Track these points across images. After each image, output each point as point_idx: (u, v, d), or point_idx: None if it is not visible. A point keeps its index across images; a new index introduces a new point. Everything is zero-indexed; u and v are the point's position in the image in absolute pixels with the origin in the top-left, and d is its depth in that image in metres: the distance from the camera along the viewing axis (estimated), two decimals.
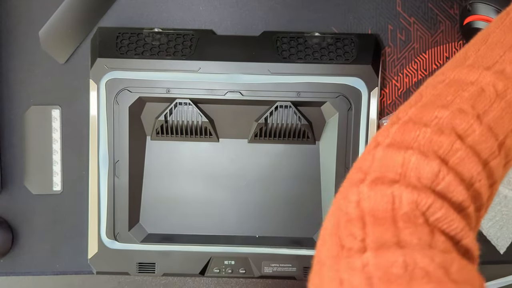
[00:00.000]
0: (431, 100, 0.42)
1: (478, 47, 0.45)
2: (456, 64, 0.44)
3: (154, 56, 0.73)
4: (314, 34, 0.75)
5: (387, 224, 0.35)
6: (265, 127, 0.74)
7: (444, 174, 0.37)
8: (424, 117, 0.40)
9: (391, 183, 0.37)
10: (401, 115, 0.41)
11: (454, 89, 0.41)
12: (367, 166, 0.39)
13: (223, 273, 0.76)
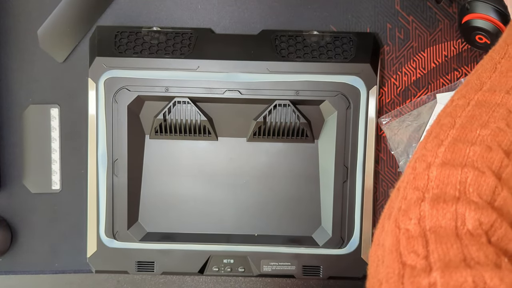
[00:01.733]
0: (467, 121, 0.43)
1: (489, 75, 0.46)
2: (473, 88, 0.46)
3: (153, 54, 0.73)
4: (312, 33, 0.75)
5: (451, 241, 0.35)
6: (264, 125, 0.74)
7: (500, 190, 0.38)
8: (468, 137, 0.41)
9: (452, 200, 0.37)
10: (442, 137, 0.42)
11: (485, 110, 0.42)
12: (424, 185, 0.39)
13: (222, 272, 0.76)
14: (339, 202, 0.75)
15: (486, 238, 0.35)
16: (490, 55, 0.49)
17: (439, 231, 0.36)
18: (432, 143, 0.42)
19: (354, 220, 0.75)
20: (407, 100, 0.78)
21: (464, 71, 0.77)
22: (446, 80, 0.78)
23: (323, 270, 0.76)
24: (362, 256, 0.75)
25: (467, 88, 0.46)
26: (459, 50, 0.78)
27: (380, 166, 0.78)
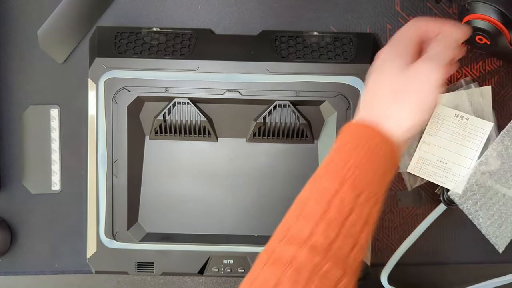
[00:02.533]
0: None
1: (297, 217, 0.53)
2: (280, 235, 0.53)
3: (153, 55, 0.73)
4: (312, 33, 0.75)
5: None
6: (263, 126, 0.74)
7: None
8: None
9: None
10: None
11: (275, 273, 0.50)
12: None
13: (221, 273, 0.76)
14: None
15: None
16: (304, 189, 0.58)
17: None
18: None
19: None
20: None
21: (464, 72, 0.77)
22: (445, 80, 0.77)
23: None
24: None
25: (276, 234, 0.54)
26: None
27: None
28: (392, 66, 0.57)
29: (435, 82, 0.55)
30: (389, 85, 0.56)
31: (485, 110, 0.74)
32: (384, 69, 0.58)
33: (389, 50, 0.59)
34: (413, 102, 0.55)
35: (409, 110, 0.55)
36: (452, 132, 0.74)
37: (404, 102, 0.55)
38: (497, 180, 0.73)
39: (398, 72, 0.56)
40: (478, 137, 0.73)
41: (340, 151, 0.55)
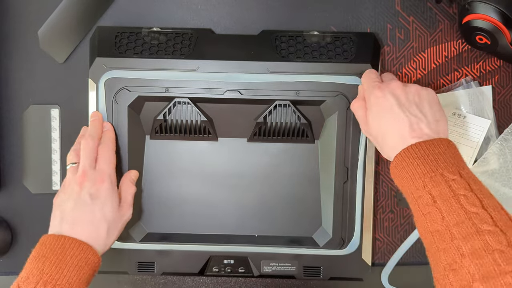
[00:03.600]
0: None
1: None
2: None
3: (153, 55, 0.73)
4: (313, 33, 0.75)
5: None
6: (264, 126, 0.74)
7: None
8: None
9: None
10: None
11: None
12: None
13: (222, 272, 0.76)
14: (339, 203, 0.75)
15: None
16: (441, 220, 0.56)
17: None
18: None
19: (354, 220, 0.75)
20: None
21: (465, 72, 0.77)
22: (446, 80, 0.78)
23: (324, 271, 0.76)
24: (362, 257, 0.75)
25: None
26: (459, 50, 0.78)
27: (380, 166, 0.78)
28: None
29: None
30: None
31: (485, 110, 0.74)
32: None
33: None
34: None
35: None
36: (450, 130, 0.74)
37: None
38: (497, 179, 0.73)
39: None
40: (476, 135, 0.73)
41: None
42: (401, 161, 0.60)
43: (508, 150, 0.73)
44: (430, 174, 0.57)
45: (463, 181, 0.56)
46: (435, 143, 0.60)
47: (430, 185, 0.56)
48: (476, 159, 0.74)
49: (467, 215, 0.53)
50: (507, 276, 0.47)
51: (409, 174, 0.58)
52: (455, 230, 0.52)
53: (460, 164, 0.59)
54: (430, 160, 0.58)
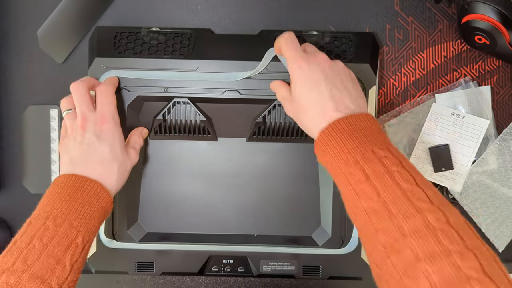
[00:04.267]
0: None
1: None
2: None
3: (152, 55, 0.73)
4: (312, 33, 0.75)
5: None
6: (263, 125, 0.75)
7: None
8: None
9: None
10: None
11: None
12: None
13: (221, 272, 0.76)
14: (338, 202, 0.75)
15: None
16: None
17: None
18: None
19: None
20: (407, 101, 0.78)
21: (463, 72, 0.78)
22: (445, 80, 0.78)
23: (323, 270, 0.76)
24: (361, 256, 0.75)
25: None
26: (458, 50, 0.78)
27: None
28: None
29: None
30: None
31: (484, 110, 0.74)
32: None
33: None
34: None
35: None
36: (449, 130, 0.74)
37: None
38: (496, 179, 0.73)
39: None
40: (475, 135, 0.73)
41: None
42: (327, 136, 0.58)
43: (507, 150, 0.73)
44: (360, 150, 0.55)
45: (394, 158, 0.55)
46: (361, 118, 0.58)
47: (362, 162, 0.55)
48: (475, 159, 0.74)
49: (403, 192, 0.52)
50: (452, 255, 0.47)
51: (337, 149, 0.57)
52: (392, 208, 0.51)
53: (387, 140, 0.58)
54: (358, 135, 0.57)
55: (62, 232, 0.59)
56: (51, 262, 0.57)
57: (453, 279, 0.45)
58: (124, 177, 0.68)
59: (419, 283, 0.46)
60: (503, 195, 0.73)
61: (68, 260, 0.59)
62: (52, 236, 0.58)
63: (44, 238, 0.58)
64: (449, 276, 0.46)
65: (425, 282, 0.46)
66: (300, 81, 0.62)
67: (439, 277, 0.46)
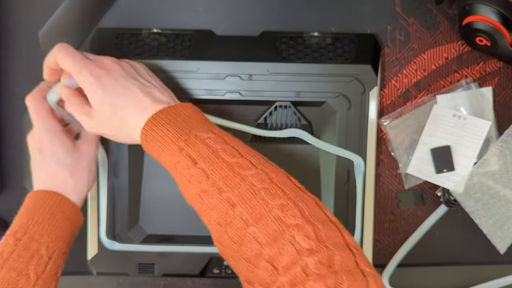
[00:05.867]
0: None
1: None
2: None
3: (153, 56, 0.73)
4: (313, 34, 0.75)
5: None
6: (264, 127, 0.74)
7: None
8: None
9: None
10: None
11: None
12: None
13: (223, 274, 0.76)
14: (340, 204, 0.75)
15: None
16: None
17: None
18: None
19: (355, 221, 0.75)
20: (408, 102, 0.78)
21: (465, 73, 0.78)
22: (446, 82, 0.78)
23: None
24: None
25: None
26: (459, 52, 0.78)
27: (380, 168, 0.78)
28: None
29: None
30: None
31: (485, 111, 0.74)
32: None
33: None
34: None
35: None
36: (450, 132, 0.74)
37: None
38: (497, 180, 0.73)
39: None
40: (476, 136, 0.73)
41: None
42: (150, 131, 0.56)
43: (508, 152, 0.73)
44: (184, 137, 0.55)
45: (217, 137, 0.56)
46: (180, 108, 0.58)
47: (187, 148, 0.54)
48: (477, 160, 0.74)
49: (229, 166, 0.53)
50: (274, 210, 0.48)
51: (161, 142, 0.56)
52: (221, 183, 0.52)
53: (211, 125, 0.58)
54: (180, 123, 0.56)
55: (22, 245, 0.59)
56: (12, 275, 0.58)
57: (276, 233, 0.47)
58: (84, 179, 0.65)
59: (250, 247, 0.48)
60: (505, 196, 0.73)
61: (32, 271, 0.59)
62: (12, 251, 0.59)
63: (5, 253, 0.59)
64: (273, 231, 0.47)
65: (255, 244, 0.48)
66: (99, 89, 0.59)
67: (265, 234, 0.47)
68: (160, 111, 0.57)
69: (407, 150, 0.76)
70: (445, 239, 0.79)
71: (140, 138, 0.58)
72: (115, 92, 0.59)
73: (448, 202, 0.75)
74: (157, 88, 0.61)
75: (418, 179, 0.76)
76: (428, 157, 0.74)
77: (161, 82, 0.64)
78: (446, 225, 0.79)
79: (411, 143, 0.76)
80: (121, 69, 0.61)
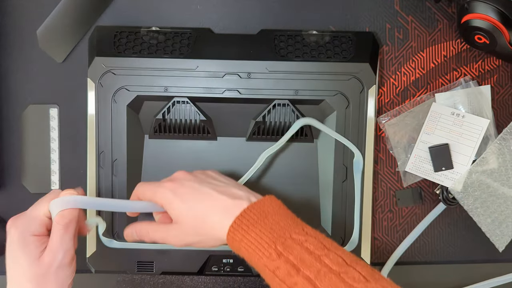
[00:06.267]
0: None
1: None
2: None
3: (152, 54, 0.73)
4: (312, 32, 0.75)
5: None
6: (263, 125, 0.74)
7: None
8: None
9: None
10: None
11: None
12: None
13: (221, 272, 0.76)
14: (338, 202, 0.75)
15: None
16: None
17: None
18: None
19: (353, 219, 0.75)
20: (406, 100, 0.78)
21: (463, 71, 0.78)
22: (445, 80, 0.78)
23: None
24: (361, 256, 0.75)
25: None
26: (458, 50, 0.78)
27: (379, 166, 0.78)
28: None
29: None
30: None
31: (484, 109, 0.74)
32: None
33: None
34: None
35: None
36: (449, 130, 0.74)
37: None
38: (496, 178, 0.73)
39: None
40: (475, 134, 0.73)
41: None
42: (240, 231, 0.55)
43: (507, 150, 0.73)
44: (280, 240, 0.53)
45: (315, 240, 0.54)
46: (266, 204, 0.57)
47: (286, 253, 0.52)
48: (475, 158, 0.74)
49: (336, 275, 0.50)
50: None
51: (255, 244, 0.54)
52: None
53: (298, 220, 0.57)
54: (271, 223, 0.55)
55: None
56: None
57: None
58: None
59: None
60: (503, 194, 0.73)
61: None
62: None
63: None
64: None
65: None
66: (176, 200, 0.60)
67: None
68: (247, 209, 0.56)
69: (406, 148, 0.76)
70: (443, 237, 0.79)
71: (227, 237, 0.57)
72: (192, 199, 0.60)
73: (446, 200, 0.75)
74: (232, 185, 0.61)
75: (416, 177, 0.76)
76: (427, 155, 0.74)
77: (235, 182, 0.64)
78: (444, 223, 0.79)
79: (410, 141, 0.76)
80: (193, 177, 0.63)
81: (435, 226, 0.78)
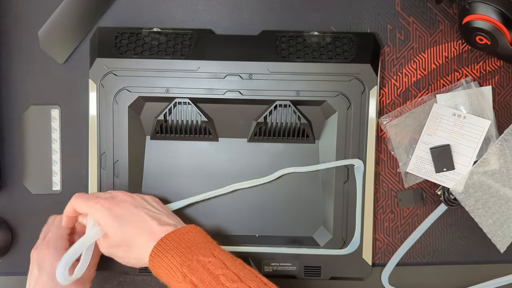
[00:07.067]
0: None
1: None
2: None
3: (153, 55, 0.73)
4: (313, 33, 0.75)
5: None
6: (264, 126, 0.74)
7: None
8: None
9: None
10: None
11: None
12: None
13: None
14: (340, 203, 0.75)
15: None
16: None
17: None
18: None
19: (355, 220, 0.75)
20: (408, 101, 0.78)
21: (465, 72, 0.78)
22: (446, 81, 0.78)
23: (324, 271, 0.76)
24: (363, 257, 0.75)
25: None
26: (459, 51, 0.78)
27: (380, 167, 0.78)
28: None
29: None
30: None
31: (485, 110, 0.74)
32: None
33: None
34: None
35: None
36: (450, 131, 0.74)
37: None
38: (497, 179, 0.73)
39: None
40: (476, 135, 0.73)
41: None
42: (157, 259, 0.59)
43: (508, 151, 0.73)
44: (187, 263, 0.58)
45: (217, 261, 0.58)
46: (184, 231, 0.61)
47: (190, 274, 0.57)
48: (476, 159, 0.74)
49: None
50: None
51: (167, 269, 0.58)
52: None
53: (212, 246, 0.61)
54: (184, 248, 0.59)
55: None
56: None
57: None
58: None
59: None
60: (505, 195, 0.73)
61: None
62: None
63: None
64: None
65: None
66: (110, 219, 0.63)
67: None
68: (165, 237, 0.60)
69: (407, 149, 0.76)
70: (445, 238, 0.79)
71: (148, 262, 0.61)
72: (125, 220, 0.63)
73: (448, 201, 0.75)
74: (165, 214, 0.65)
75: (418, 178, 0.76)
76: (428, 156, 0.74)
77: (170, 211, 0.68)
78: (446, 224, 0.79)
79: (411, 142, 0.76)
80: (131, 200, 0.66)
81: (436, 227, 0.78)
